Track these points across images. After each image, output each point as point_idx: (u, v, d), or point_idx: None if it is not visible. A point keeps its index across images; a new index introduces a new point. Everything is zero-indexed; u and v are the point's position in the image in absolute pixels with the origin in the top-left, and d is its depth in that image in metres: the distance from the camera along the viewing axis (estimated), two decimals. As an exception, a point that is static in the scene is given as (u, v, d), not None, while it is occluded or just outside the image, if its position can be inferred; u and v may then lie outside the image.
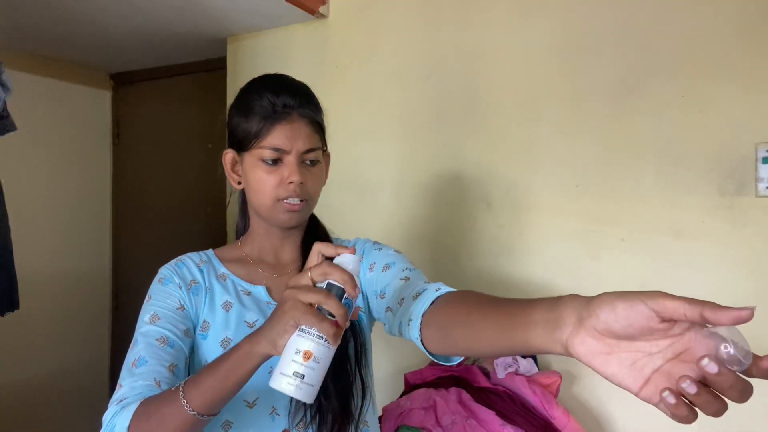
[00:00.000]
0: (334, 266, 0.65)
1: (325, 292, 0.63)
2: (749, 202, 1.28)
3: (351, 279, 0.64)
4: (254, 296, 0.92)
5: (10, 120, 1.76)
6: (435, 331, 0.71)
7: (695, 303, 0.43)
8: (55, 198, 2.50)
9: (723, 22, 1.32)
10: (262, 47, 2.06)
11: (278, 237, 0.96)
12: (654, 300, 0.44)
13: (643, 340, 0.47)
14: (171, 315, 0.84)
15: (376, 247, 0.99)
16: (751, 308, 0.41)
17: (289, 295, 0.64)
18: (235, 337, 0.86)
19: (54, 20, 1.95)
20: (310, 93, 0.92)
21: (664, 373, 0.46)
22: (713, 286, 1.31)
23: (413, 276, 0.87)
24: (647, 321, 0.45)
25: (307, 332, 0.62)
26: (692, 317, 0.43)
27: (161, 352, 0.80)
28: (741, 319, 0.41)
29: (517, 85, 1.57)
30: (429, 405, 1.30)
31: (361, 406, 0.89)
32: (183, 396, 0.67)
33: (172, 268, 0.90)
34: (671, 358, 0.46)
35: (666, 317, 0.44)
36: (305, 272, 0.65)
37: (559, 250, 1.50)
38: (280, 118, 0.85)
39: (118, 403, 0.73)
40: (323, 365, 0.63)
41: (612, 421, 1.43)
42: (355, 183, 1.84)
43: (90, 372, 2.64)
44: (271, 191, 0.87)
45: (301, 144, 0.86)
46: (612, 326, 0.46)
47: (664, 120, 1.37)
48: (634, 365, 0.47)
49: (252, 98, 0.88)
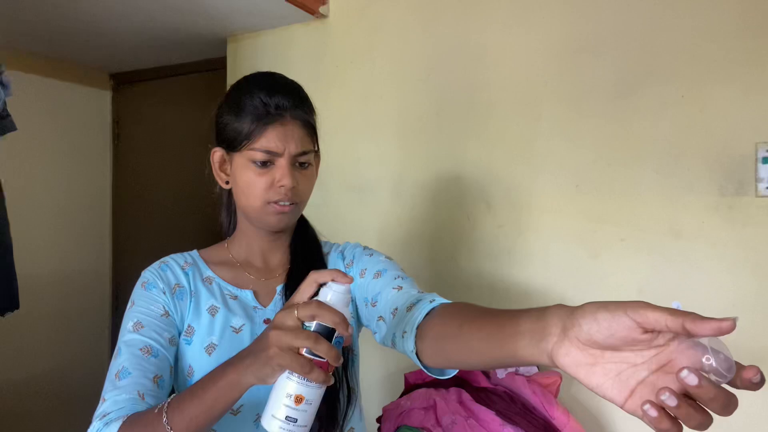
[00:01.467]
0: (323, 307, 0.60)
1: (314, 336, 0.59)
2: (749, 202, 1.28)
3: (343, 320, 0.60)
4: (241, 300, 0.89)
5: (10, 120, 1.77)
6: (429, 344, 0.70)
7: (677, 314, 0.42)
8: (55, 198, 2.50)
9: (723, 22, 1.32)
10: (262, 47, 2.06)
11: (266, 240, 0.94)
12: (636, 311, 0.44)
13: (626, 350, 0.46)
14: (155, 323, 0.82)
15: (366, 252, 0.97)
16: (732, 319, 0.41)
17: (275, 339, 0.60)
18: (220, 342, 0.84)
19: (54, 20, 1.95)
20: (303, 93, 0.90)
21: (649, 385, 0.46)
22: (713, 286, 1.31)
23: (405, 285, 0.85)
24: (629, 331, 0.44)
25: (296, 376, 0.60)
26: (674, 328, 0.42)
27: (145, 362, 0.77)
28: (722, 330, 0.41)
29: (517, 85, 1.57)
30: (429, 405, 1.30)
31: (346, 411, 0.88)
32: (167, 422, 0.65)
33: (156, 271, 0.87)
34: (656, 369, 0.46)
35: (648, 328, 0.44)
36: (291, 310, 0.61)
37: (559, 250, 1.50)
38: (272, 120, 0.83)
39: (101, 418, 0.71)
40: (315, 405, 0.62)
41: (612, 421, 1.43)
42: (355, 183, 1.84)
43: (90, 372, 2.63)
44: (261, 194, 0.84)
45: (293, 146, 0.84)
46: (594, 336, 0.46)
47: (664, 120, 1.37)
48: (619, 377, 0.46)
49: (244, 97, 0.85)
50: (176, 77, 2.57)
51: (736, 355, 0.43)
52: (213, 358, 0.83)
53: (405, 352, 0.75)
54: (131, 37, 2.15)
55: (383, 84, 1.79)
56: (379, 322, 0.85)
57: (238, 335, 0.86)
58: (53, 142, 2.48)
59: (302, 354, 0.59)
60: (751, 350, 1.23)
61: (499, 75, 1.60)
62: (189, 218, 2.50)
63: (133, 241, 2.72)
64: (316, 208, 0.97)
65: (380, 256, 0.95)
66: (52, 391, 2.46)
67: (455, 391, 1.33)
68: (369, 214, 1.81)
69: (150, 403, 0.75)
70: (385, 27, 1.79)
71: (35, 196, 2.40)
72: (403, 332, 0.75)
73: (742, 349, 1.26)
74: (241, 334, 0.86)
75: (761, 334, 1.24)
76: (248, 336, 0.86)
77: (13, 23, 1.97)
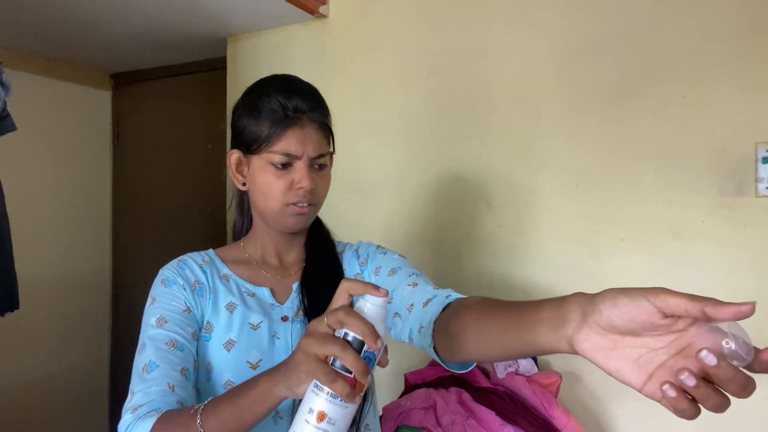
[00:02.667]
0: (353, 315, 0.57)
1: (341, 342, 0.56)
2: (749, 202, 1.28)
3: (371, 331, 0.56)
4: (258, 298, 0.91)
5: (10, 120, 1.76)
6: (446, 338, 0.71)
7: (697, 299, 0.43)
8: (55, 198, 2.50)
9: (723, 22, 1.32)
10: (262, 47, 2.06)
11: (282, 239, 0.95)
12: (656, 296, 0.44)
13: (646, 335, 0.47)
14: (178, 317, 0.83)
15: (380, 251, 0.99)
16: (751, 303, 0.41)
17: (303, 344, 0.58)
18: (239, 339, 0.85)
19: (54, 20, 1.94)
20: (319, 96, 0.91)
21: (668, 369, 0.46)
22: (713, 286, 1.31)
23: (420, 281, 0.87)
24: (649, 316, 0.45)
25: (320, 389, 0.56)
26: (694, 313, 0.43)
27: (171, 356, 0.78)
28: (742, 314, 0.42)
29: (517, 85, 1.57)
30: (429, 405, 1.30)
31: (362, 407, 0.88)
32: (200, 424, 0.65)
33: (174, 269, 0.88)
34: (675, 353, 0.47)
35: (668, 313, 0.45)
36: (323, 317, 0.60)
37: (559, 250, 1.50)
38: (291, 123, 0.84)
39: (133, 412, 0.71)
40: (340, 426, 0.56)
41: (612, 422, 1.43)
42: (356, 183, 1.84)
43: (90, 372, 2.63)
44: (280, 196, 0.86)
45: (311, 149, 0.85)
46: (614, 321, 0.47)
47: (664, 120, 1.37)
48: (638, 361, 0.47)
49: (261, 100, 0.86)
50: (176, 77, 2.57)
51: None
52: (232, 354, 0.84)
53: (423, 347, 0.76)
54: (131, 37, 2.15)
55: (383, 84, 1.79)
56: (395, 319, 0.86)
57: (256, 332, 0.87)
58: (53, 142, 2.48)
59: (329, 365, 0.56)
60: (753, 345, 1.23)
61: (500, 75, 1.60)
62: (189, 217, 2.50)
63: (133, 241, 2.71)
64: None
65: (394, 254, 0.97)
66: (52, 391, 2.46)
67: (455, 391, 1.33)
68: (369, 214, 1.81)
69: (180, 395, 0.75)
70: (386, 27, 1.79)
71: (35, 196, 2.40)
72: (420, 327, 0.76)
73: (742, 349, 1.26)
74: (259, 331, 0.87)
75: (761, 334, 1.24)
76: (266, 332, 0.87)
77: (13, 23, 1.97)
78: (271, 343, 0.87)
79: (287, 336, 0.89)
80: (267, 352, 0.86)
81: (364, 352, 0.56)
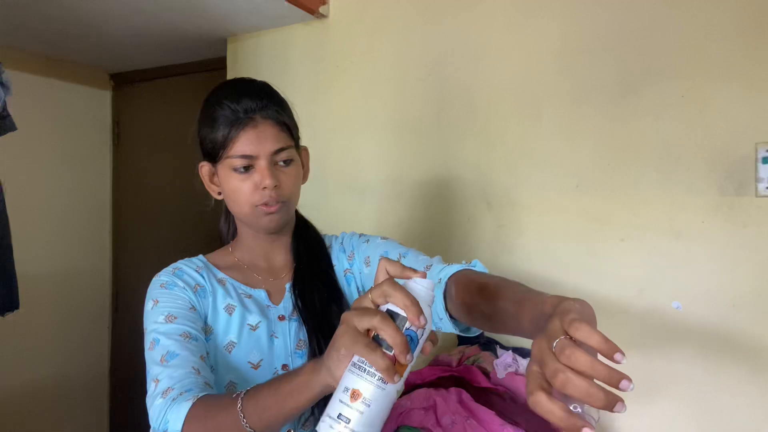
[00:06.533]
0: (397, 287, 0.55)
1: (382, 314, 0.54)
2: (749, 202, 1.28)
3: (414, 305, 0.54)
4: (255, 299, 0.92)
5: (10, 120, 1.76)
6: (459, 291, 0.71)
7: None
8: (55, 198, 2.50)
9: (723, 22, 1.31)
10: (262, 47, 2.06)
11: (267, 241, 0.96)
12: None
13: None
14: (186, 313, 0.83)
15: (362, 239, 0.99)
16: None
17: (344, 317, 0.57)
18: (239, 340, 0.86)
19: (54, 20, 1.94)
20: (271, 92, 0.91)
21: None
22: (713, 286, 1.31)
23: (410, 255, 0.88)
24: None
25: (358, 366, 0.53)
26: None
27: (188, 344, 0.78)
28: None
29: (517, 85, 1.57)
30: (429, 405, 1.30)
31: None
32: (241, 410, 0.64)
33: (171, 276, 0.88)
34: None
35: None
36: (368, 292, 0.58)
37: (559, 250, 1.50)
38: (243, 125, 0.84)
39: (163, 396, 0.70)
40: (376, 410, 0.52)
41: (612, 422, 1.43)
42: (355, 183, 1.84)
43: (90, 372, 2.63)
44: (247, 198, 0.86)
45: (268, 146, 0.85)
46: None
47: (664, 120, 1.37)
48: None
49: (214, 108, 0.87)
50: (176, 77, 2.57)
51: (737, 355, 0.43)
52: (233, 356, 0.85)
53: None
54: (131, 37, 2.14)
55: (383, 84, 1.79)
56: None
57: (255, 332, 0.88)
58: (53, 142, 2.48)
59: (370, 338, 0.54)
60: (751, 350, 1.23)
61: (499, 75, 1.59)
62: (189, 218, 2.50)
63: (133, 241, 2.71)
64: (316, 209, 0.98)
65: (376, 239, 0.98)
66: (52, 391, 2.46)
67: (455, 391, 1.33)
68: (369, 214, 1.81)
69: (206, 377, 0.75)
70: (385, 27, 1.79)
71: (35, 196, 2.40)
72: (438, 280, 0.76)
73: (743, 348, 1.26)
74: (258, 331, 0.88)
75: (761, 333, 1.24)
76: (265, 333, 0.88)
77: (13, 23, 1.97)
78: (270, 342, 0.88)
79: (285, 335, 0.90)
80: (267, 351, 0.87)
81: (406, 329, 0.54)
